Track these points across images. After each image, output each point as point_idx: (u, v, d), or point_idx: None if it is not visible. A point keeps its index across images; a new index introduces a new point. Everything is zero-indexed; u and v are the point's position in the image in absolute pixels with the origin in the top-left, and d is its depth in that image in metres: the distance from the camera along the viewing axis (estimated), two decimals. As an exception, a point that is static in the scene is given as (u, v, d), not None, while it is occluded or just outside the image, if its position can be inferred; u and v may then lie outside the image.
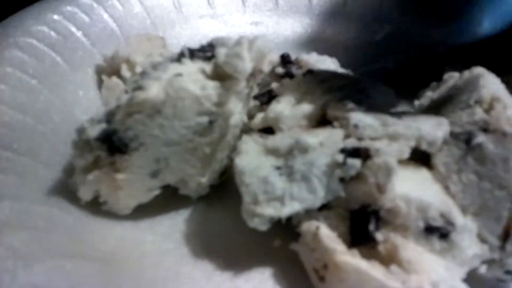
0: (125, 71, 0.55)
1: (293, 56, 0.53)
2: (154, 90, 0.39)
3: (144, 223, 0.43)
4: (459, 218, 0.38)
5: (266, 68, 0.42)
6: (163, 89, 0.39)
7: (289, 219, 0.42)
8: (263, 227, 0.38)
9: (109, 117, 0.39)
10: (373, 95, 0.47)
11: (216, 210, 0.46)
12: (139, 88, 0.39)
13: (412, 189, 0.38)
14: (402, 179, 0.38)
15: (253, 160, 0.41)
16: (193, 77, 0.40)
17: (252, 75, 0.42)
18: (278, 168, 0.40)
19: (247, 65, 0.40)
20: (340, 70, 0.57)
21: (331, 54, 0.70)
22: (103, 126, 0.39)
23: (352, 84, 0.48)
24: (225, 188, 0.47)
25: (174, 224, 0.44)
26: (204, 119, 0.41)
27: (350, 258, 0.36)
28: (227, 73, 0.40)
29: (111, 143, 0.40)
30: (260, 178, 0.39)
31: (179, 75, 0.40)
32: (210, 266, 0.41)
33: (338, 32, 0.77)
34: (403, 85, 0.64)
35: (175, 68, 0.41)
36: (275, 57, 0.42)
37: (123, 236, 0.42)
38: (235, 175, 0.41)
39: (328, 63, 0.56)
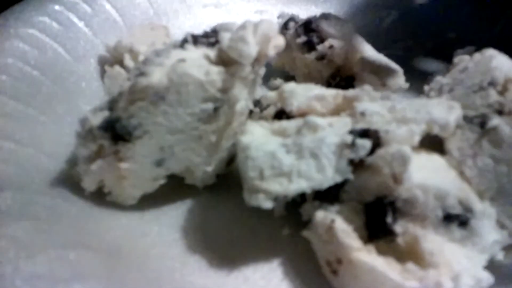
0: (128, 61, 0.55)
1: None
2: (157, 76, 0.37)
3: (150, 214, 0.42)
4: (477, 204, 0.36)
5: (272, 52, 0.41)
6: (166, 75, 0.38)
7: (296, 206, 0.41)
8: (267, 204, 0.37)
9: (112, 104, 0.38)
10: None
11: (223, 199, 0.45)
12: (141, 74, 0.38)
13: (428, 177, 0.37)
14: (416, 166, 0.36)
15: (259, 138, 0.40)
16: (197, 63, 0.39)
17: (257, 59, 0.41)
18: (285, 145, 0.38)
19: (252, 49, 0.38)
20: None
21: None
22: (105, 114, 0.38)
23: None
24: (231, 177, 0.46)
25: (179, 214, 0.43)
26: (209, 106, 0.40)
27: (366, 256, 0.34)
28: (231, 58, 0.39)
29: (114, 132, 0.39)
30: (266, 152, 0.38)
31: (182, 60, 0.38)
32: (217, 256, 0.40)
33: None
34: (412, 72, 0.64)
35: (178, 54, 0.39)
36: (280, 41, 0.41)
37: (128, 226, 0.41)
38: (238, 152, 0.39)
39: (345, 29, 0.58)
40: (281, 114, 0.46)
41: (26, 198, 0.37)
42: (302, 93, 0.44)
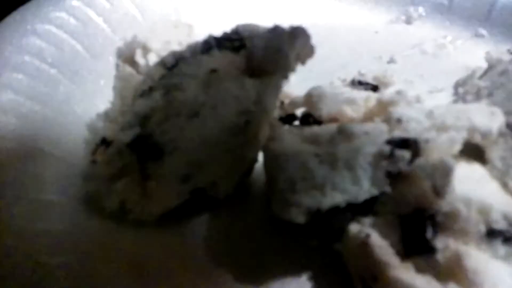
0: (140, 57, 0.52)
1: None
2: (193, 90, 0.35)
3: (171, 223, 0.40)
4: (522, 219, 0.34)
5: (303, 62, 0.38)
6: (202, 89, 0.36)
7: (327, 215, 0.39)
8: (300, 219, 0.35)
9: (143, 120, 0.36)
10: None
11: (245, 208, 0.43)
12: (175, 87, 0.36)
13: (470, 189, 0.34)
14: (457, 178, 0.34)
15: (289, 146, 0.37)
16: (230, 74, 0.37)
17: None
18: (318, 155, 0.36)
19: (290, 62, 0.36)
20: None
21: (361, 41, 0.67)
22: (136, 131, 0.36)
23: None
24: (250, 186, 0.44)
25: (201, 223, 0.41)
26: (241, 119, 0.38)
27: (404, 274, 0.32)
28: (263, 68, 0.37)
29: (143, 149, 0.36)
30: (298, 163, 0.35)
31: (214, 71, 0.36)
32: (241, 270, 0.38)
33: (369, 16, 0.73)
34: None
35: (207, 61, 0.37)
36: (311, 49, 0.39)
37: (150, 237, 0.39)
38: (267, 161, 0.38)
39: None
40: (308, 118, 0.44)
41: (44, 208, 0.35)
42: (332, 97, 0.42)
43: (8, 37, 0.48)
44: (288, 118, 0.47)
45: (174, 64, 0.40)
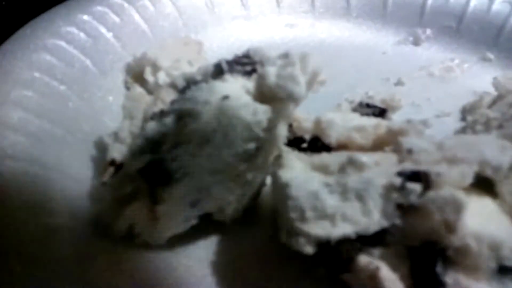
0: (149, 75, 0.52)
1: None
2: (205, 117, 0.35)
3: (179, 246, 0.40)
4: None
5: (316, 88, 0.38)
6: (213, 116, 0.35)
7: (336, 245, 0.38)
8: (309, 249, 0.34)
9: (154, 146, 0.36)
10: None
11: (252, 232, 0.42)
12: (187, 114, 0.36)
13: (482, 224, 0.34)
14: (468, 212, 0.33)
15: (299, 174, 0.37)
16: (242, 100, 0.36)
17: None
18: (328, 185, 0.36)
19: (302, 90, 0.36)
20: None
21: (369, 61, 0.67)
22: (147, 157, 0.36)
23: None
24: (258, 210, 0.44)
25: (209, 246, 0.41)
26: (252, 146, 0.37)
27: None
28: (275, 94, 0.37)
29: (154, 174, 0.36)
30: (309, 192, 0.35)
31: (226, 97, 0.36)
32: (248, 295, 0.38)
33: (377, 36, 0.73)
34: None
35: (220, 87, 0.37)
36: (323, 76, 0.39)
37: (157, 260, 0.38)
38: (275, 188, 0.37)
39: None
40: (316, 142, 0.44)
41: (51, 233, 0.35)
42: (341, 124, 0.42)
43: (19, 53, 0.48)
44: (296, 141, 0.47)
45: (185, 86, 0.40)
